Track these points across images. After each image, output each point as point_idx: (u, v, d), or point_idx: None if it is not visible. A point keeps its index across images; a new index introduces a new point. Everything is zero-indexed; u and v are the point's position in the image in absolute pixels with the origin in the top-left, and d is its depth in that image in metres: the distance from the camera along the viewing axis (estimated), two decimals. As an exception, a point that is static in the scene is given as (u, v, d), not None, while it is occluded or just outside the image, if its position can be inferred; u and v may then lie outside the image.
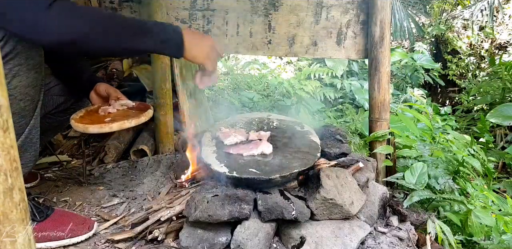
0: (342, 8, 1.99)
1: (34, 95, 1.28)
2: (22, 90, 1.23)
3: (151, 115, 1.55)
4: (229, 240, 1.32)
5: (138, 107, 1.65)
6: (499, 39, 5.77)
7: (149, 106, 1.61)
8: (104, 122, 1.47)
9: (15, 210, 0.69)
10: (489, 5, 4.41)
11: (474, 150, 2.10)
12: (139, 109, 1.63)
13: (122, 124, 1.44)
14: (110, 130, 1.44)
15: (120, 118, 1.52)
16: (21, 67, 1.20)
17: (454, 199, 1.74)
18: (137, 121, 1.48)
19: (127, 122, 1.45)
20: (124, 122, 1.44)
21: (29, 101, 1.27)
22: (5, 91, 0.67)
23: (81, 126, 1.44)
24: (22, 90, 1.23)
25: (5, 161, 0.67)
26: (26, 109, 1.26)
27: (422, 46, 5.41)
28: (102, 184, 1.88)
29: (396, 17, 3.71)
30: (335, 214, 1.41)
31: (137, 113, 1.57)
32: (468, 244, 1.70)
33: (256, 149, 1.53)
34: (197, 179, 1.63)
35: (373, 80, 1.99)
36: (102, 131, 1.45)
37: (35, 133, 1.33)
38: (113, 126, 1.43)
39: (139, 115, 1.50)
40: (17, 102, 1.23)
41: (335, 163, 1.60)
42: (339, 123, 3.25)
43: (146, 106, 1.61)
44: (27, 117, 1.28)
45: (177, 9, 2.05)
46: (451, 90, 5.46)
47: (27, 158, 1.33)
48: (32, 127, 1.30)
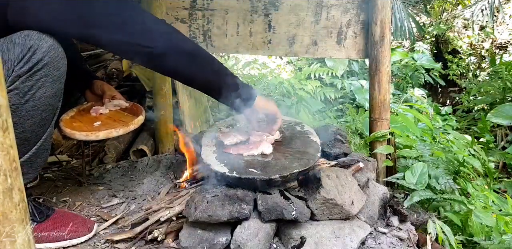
0: (343, 8, 1.99)
1: (55, 105, 1.29)
2: (46, 101, 1.23)
3: (141, 123, 1.54)
4: (229, 240, 1.32)
5: (131, 109, 1.63)
6: (500, 39, 5.77)
7: (141, 110, 1.59)
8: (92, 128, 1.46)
9: (14, 210, 0.69)
10: (489, 5, 4.40)
11: (474, 150, 2.09)
12: (132, 112, 1.61)
13: (109, 133, 1.44)
14: (96, 139, 1.44)
15: (109, 122, 1.50)
16: (47, 78, 1.20)
17: (454, 199, 1.74)
18: (124, 130, 1.47)
19: (114, 131, 1.44)
20: (111, 131, 1.44)
21: (50, 111, 1.27)
22: (4, 91, 0.67)
23: (68, 132, 1.44)
24: (46, 101, 1.23)
25: (5, 161, 0.67)
26: (46, 119, 1.27)
27: (423, 46, 5.41)
28: (101, 184, 1.88)
29: (396, 17, 3.70)
30: (335, 214, 1.41)
31: (128, 117, 1.56)
32: (469, 244, 1.70)
33: (256, 149, 1.53)
34: (197, 179, 1.63)
35: (374, 80, 1.98)
36: (88, 139, 1.45)
37: (49, 140, 1.34)
38: (99, 135, 1.42)
39: (127, 124, 1.49)
40: (40, 113, 1.23)
41: (335, 163, 1.60)
42: (339, 123, 3.25)
43: (139, 110, 1.59)
44: (46, 126, 1.29)
45: (177, 8, 2.05)
46: (451, 90, 5.46)
47: (38, 164, 1.34)
48: (48, 134, 1.31)
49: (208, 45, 2.10)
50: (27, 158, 1.28)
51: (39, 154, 1.31)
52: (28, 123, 1.21)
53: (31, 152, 1.28)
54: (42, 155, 1.34)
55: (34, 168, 1.33)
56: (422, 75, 4.84)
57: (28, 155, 1.28)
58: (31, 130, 1.24)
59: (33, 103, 1.20)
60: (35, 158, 1.31)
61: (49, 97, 1.23)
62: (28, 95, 1.18)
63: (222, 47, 2.11)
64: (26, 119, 1.21)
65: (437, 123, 3.65)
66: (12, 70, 1.15)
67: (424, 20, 5.81)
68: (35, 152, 1.29)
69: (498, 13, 5.42)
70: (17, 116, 1.18)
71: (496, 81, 4.17)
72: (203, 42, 2.09)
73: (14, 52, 1.15)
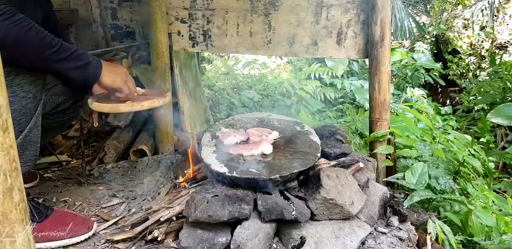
0: (343, 8, 1.99)
1: (36, 93, 1.29)
2: (25, 88, 1.25)
3: (170, 97, 1.55)
4: (229, 240, 1.32)
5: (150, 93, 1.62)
6: (500, 39, 5.76)
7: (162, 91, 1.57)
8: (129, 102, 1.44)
9: (14, 210, 0.69)
10: (489, 5, 4.40)
11: (474, 150, 2.09)
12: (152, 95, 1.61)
13: (152, 103, 1.43)
14: (141, 109, 1.42)
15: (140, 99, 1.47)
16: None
17: (454, 199, 1.74)
18: (164, 100, 1.47)
19: (156, 101, 1.44)
20: (153, 101, 1.43)
21: (31, 98, 1.28)
22: (4, 91, 0.67)
23: (110, 106, 1.40)
24: (25, 88, 1.25)
25: (5, 161, 0.67)
26: (27, 107, 1.27)
27: (423, 46, 5.41)
28: (101, 184, 1.88)
29: (396, 17, 3.70)
30: (335, 214, 1.41)
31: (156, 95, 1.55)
32: (469, 244, 1.69)
33: (256, 149, 1.53)
34: (197, 179, 1.63)
35: (374, 80, 1.98)
36: (133, 110, 1.44)
37: (36, 132, 1.33)
38: (144, 104, 1.41)
39: (162, 95, 1.49)
40: (19, 99, 1.24)
41: (335, 163, 1.60)
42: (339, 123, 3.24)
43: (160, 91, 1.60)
44: (28, 115, 1.29)
45: (176, 8, 2.05)
46: (451, 90, 5.46)
47: (26, 157, 1.33)
48: (33, 125, 1.31)
49: (208, 45, 2.10)
50: None
51: (26, 145, 1.31)
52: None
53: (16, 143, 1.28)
54: (30, 148, 1.33)
55: (23, 161, 1.31)
56: (422, 75, 4.84)
57: None
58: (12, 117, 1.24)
59: (11, 89, 1.22)
60: (22, 150, 1.30)
61: (27, 84, 1.25)
62: (7, 80, 1.19)
63: (222, 47, 2.11)
64: None
65: (437, 123, 3.64)
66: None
67: (424, 20, 5.81)
68: (21, 143, 1.28)
69: (498, 13, 5.42)
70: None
71: (496, 81, 4.16)
72: (203, 42, 2.09)
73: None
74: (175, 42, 2.10)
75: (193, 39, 2.09)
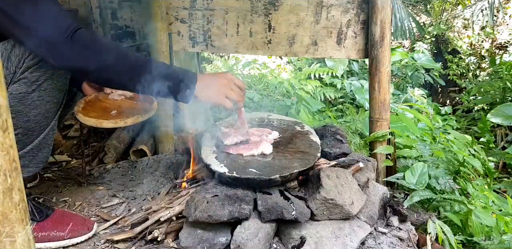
0: (342, 8, 1.99)
1: (60, 98, 1.36)
2: (51, 93, 1.30)
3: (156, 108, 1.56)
4: (229, 240, 1.32)
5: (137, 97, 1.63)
6: (500, 39, 5.76)
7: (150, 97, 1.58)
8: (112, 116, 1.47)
9: (14, 210, 0.69)
10: (489, 5, 4.40)
11: (474, 150, 2.09)
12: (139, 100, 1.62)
13: (135, 119, 1.46)
14: (124, 125, 1.46)
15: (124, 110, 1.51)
16: (53, 71, 1.27)
17: (454, 199, 1.74)
18: (149, 114, 1.50)
19: (140, 117, 1.48)
20: (137, 117, 1.47)
21: (55, 103, 1.34)
22: (4, 91, 0.67)
23: (94, 121, 1.43)
24: (51, 93, 1.30)
25: (5, 161, 0.67)
26: (51, 111, 1.33)
27: (423, 46, 5.40)
28: (101, 184, 1.88)
29: (396, 17, 3.70)
30: (335, 214, 1.41)
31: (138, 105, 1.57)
32: (469, 244, 1.69)
33: (256, 149, 1.53)
34: (197, 179, 1.63)
35: (374, 80, 1.98)
36: (116, 126, 1.48)
37: (52, 135, 1.38)
38: (127, 121, 1.44)
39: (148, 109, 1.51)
40: (45, 103, 1.29)
41: (335, 163, 1.60)
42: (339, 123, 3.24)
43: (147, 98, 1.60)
44: (49, 119, 1.34)
45: (176, 8, 2.05)
46: (451, 90, 5.45)
47: (40, 158, 1.38)
48: (51, 128, 1.36)
49: (208, 45, 2.10)
50: (30, 149, 1.33)
51: (41, 147, 1.36)
52: (33, 113, 1.28)
53: (34, 144, 1.33)
54: (44, 150, 1.38)
55: (35, 162, 1.36)
56: (422, 75, 4.83)
57: (30, 146, 1.33)
58: (35, 120, 1.30)
59: (39, 93, 1.26)
60: (37, 151, 1.35)
61: (54, 90, 1.30)
62: (35, 85, 1.25)
63: (222, 47, 2.11)
64: (32, 109, 1.27)
65: (437, 123, 3.64)
66: (23, 62, 1.23)
67: (424, 20, 5.81)
68: (38, 144, 1.33)
69: (498, 13, 5.42)
70: (23, 105, 1.26)
71: (496, 81, 4.16)
72: (203, 42, 2.09)
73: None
74: (175, 42, 2.10)
75: (193, 39, 2.09)
